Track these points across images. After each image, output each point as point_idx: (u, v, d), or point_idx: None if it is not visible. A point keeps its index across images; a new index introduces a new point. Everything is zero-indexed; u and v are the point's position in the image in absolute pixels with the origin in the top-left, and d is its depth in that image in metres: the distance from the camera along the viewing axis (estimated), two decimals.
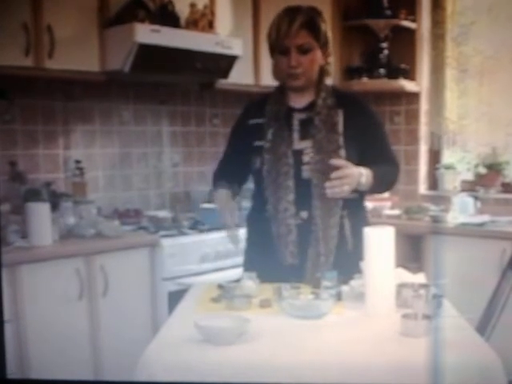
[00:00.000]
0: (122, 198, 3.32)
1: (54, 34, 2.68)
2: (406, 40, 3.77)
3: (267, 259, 1.93)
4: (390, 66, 3.78)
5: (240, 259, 2.12)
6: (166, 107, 3.50)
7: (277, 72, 2.00)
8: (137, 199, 3.38)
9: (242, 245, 2.09)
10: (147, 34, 2.81)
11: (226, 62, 3.12)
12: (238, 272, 2.04)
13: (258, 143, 1.96)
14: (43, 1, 2.66)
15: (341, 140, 1.93)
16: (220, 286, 1.85)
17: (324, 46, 1.96)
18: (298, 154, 1.93)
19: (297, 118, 1.97)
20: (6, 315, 1.62)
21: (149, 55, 2.84)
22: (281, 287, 1.69)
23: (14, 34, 2.58)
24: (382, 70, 3.76)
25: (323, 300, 1.64)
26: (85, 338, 2.62)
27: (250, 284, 1.78)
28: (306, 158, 1.92)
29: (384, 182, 1.99)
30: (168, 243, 2.85)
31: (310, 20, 1.92)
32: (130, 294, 2.75)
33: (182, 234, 2.98)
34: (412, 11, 3.75)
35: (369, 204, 3.56)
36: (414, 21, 3.76)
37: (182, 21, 3.06)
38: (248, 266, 2.04)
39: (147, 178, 3.45)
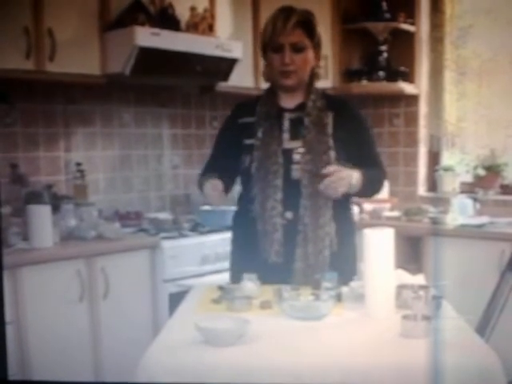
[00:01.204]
0: (123, 200, 3.33)
1: (54, 38, 2.69)
2: (405, 43, 3.78)
3: (253, 260, 1.94)
4: (390, 68, 3.79)
5: None
6: (166, 110, 3.51)
7: (268, 71, 2.02)
8: (137, 201, 3.39)
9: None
10: (147, 37, 2.82)
11: (226, 65, 3.14)
12: None
13: (247, 141, 1.97)
14: (44, 4, 2.67)
15: (330, 141, 1.95)
16: (220, 288, 1.86)
17: (316, 47, 1.99)
18: (288, 153, 1.95)
19: (287, 117, 1.99)
20: (8, 317, 1.63)
21: (149, 58, 2.85)
22: (281, 289, 1.70)
23: (15, 38, 2.59)
24: (381, 73, 3.77)
25: (323, 301, 1.65)
26: (86, 339, 2.62)
27: (251, 285, 1.79)
28: (295, 158, 1.94)
29: (371, 186, 2.01)
30: (168, 245, 2.86)
31: (305, 20, 1.96)
32: (131, 295, 2.75)
33: (183, 235, 2.99)
34: (411, 14, 3.76)
35: (368, 206, 3.59)
36: (412, 24, 3.77)
37: (183, 24, 3.08)
38: (234, 267, 2.06)
39: (147, 180, 3.46)
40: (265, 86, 2.10)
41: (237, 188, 2.10)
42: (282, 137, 1.96)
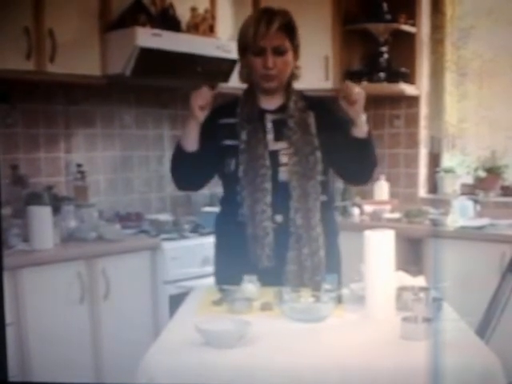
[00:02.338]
0: (124, 201, 3.33)
1: (55, 38, 2.69)
2: (405, 44, 3.78)
3: (241, 265, 1.90)
4: (390, 69, 3.79)
5: None
6: (167, 111, 3.51)
7: (247, 73, 2.00)
8: (138, 203, 3.39)
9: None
10: (148, 37, 2.83)
11: (226, 66, 3.13)
12: None
13: (228, 142, 1.95)
14: (45, 5, 2.68)
15: (316, 141, 1.94)
16: (221, 289, 1.86)
17: (296, 48, 1.98)
18: (274, 155, 1.94)
19: (269, 119, 1.98)
20: (8, 318, 1.63)
21: (150, 59, 2.85)
22: (282, 290, 1.70)
23: (16, 38, 2.59)
24: (381, 74, 3.77)
25: (324, 303, 1.65)
26: (86, 341, 2.63)
27: (251, 287, 1.79)
28: (282, 159, 1.93)
29: (373, 151, 1.94)
30: (169, 246, 2.86)
31: (287, 22, 1.94)
32: (132, 297, 2.75)
33: (183, 237, 2.99)
34: (412, 15, 3.76)
35: (369, 207, 3.58)
36: (413, 25, 3.77)
37: (183, 25, 3.08)
38: (220, 272, 2.04)
39: (148, 181, 3.46)
40: None
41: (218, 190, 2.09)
42: (266, 139, 1.95)
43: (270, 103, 2.00)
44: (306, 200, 1.91)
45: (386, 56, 3.80)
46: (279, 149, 1.94)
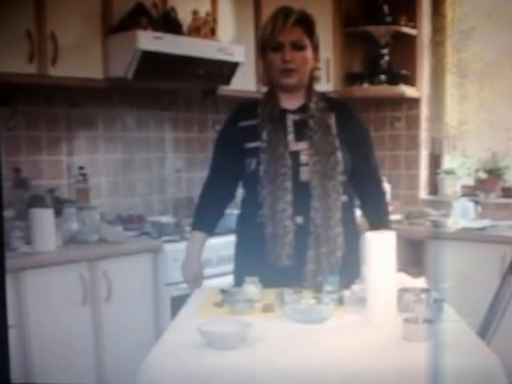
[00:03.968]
0: (125, 203, 3.34)
1: (57, 42, 2.69)
2: (406, 46, 3.79)
3: (260, 264, 1.91)
4: (391, 72, 3.80)
5: None
6: (168, 113, 3.52)
7: (268, 72, 2.00)
8: (140, 205, 3.40)
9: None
10: (150, 41, 2.84)
11: (228, 69, 3.14)
12: None
13: (250, 145, 1.95)
14: (47, 8, 2.68)
15: (336, 142, 1.95)
16: (223, 291, 1.87)
17: (315, 48, 1.99)
18: (295, 155, 1.94)
19: (290, 119, 1.98)
20: (10, 320, 1.63)
21: (151, 62, 2.86)
22: (283, 292, 1.71)
23: (18, 41, 2.60)
24: (382, 76, 3.78)
25: (325, 304, 1.65)
26: (88, 343, 2.63)
27: (253, 289, 1.79)
28: (303, 160, 1.93)
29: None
30: (171, 248, 2.86)
31: (305, 18, 1.96)
32: (133, 299, 2.76)
33: (185, 239, 2.98)
34: (412, 18, 3.77)
35: None
36: (414, 27, 3.78)
37: (185, 28, 3.09)
38: (239, 272, 2.04)
39: (150, 183, 3.47)
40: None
41: (239, 191, 2.10)
42: (287, 138, 1.95)
43: (290, 103, 2.00)
44: (326, 200, 1.91)
45: (386, 58, 3.81)
46: (300, 149, 1.94)
